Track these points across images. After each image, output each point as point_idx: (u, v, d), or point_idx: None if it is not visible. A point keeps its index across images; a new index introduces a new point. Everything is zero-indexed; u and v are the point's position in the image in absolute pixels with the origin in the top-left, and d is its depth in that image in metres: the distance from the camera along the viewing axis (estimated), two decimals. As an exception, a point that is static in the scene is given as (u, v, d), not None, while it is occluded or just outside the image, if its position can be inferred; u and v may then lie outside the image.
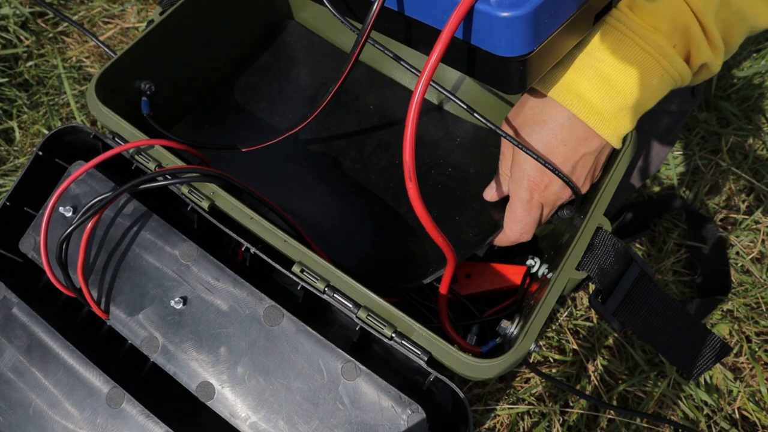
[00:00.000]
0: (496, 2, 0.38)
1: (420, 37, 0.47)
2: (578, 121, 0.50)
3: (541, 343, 0.80)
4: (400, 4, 0.45)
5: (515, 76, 0.43)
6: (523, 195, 0.54)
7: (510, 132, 0.53)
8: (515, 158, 0.54)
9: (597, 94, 0.49)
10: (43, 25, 1.05)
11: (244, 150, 0.61)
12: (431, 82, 0.44)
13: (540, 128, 0.51)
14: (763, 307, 0.83)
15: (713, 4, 0.47)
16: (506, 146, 0.56)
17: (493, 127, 0.49)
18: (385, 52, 0.51)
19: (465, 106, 0.50)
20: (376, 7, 0.43)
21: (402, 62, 0.51)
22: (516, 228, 0.57)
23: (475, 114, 0.50)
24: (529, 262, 0.59)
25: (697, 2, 0.47)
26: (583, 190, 0.54)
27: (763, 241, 0.88)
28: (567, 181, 0.51)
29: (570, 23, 0.42)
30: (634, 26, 0.47)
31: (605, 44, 0.48)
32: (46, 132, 0.94)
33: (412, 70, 0.50)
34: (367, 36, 0.46)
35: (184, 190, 0.51)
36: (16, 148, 0.93)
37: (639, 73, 0.48)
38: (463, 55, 0.44)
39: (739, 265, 0.87)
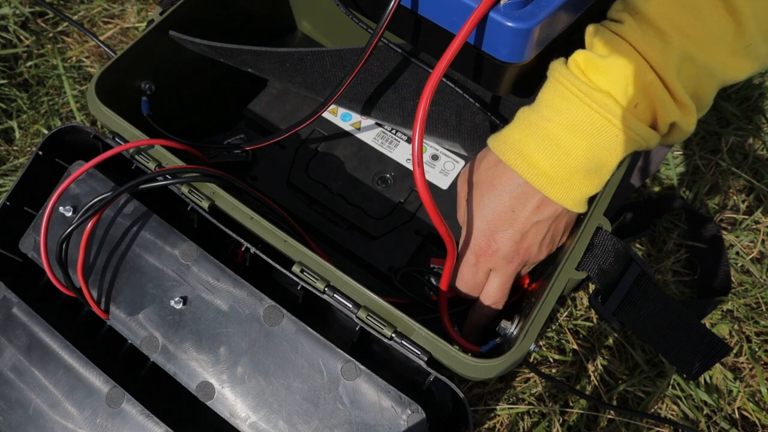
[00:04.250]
0: (508, 14, 0.43)
1: (429, 36, 0.50)
2: (529, 187, 0.47)
3: (541, 343, 0.80)
4: (414, 3, 0.48)
5: (507, 80, 0.49)
6: (470, 258, 0.51)
7: (464, 190, 0.52)
8: (467, 215, 0.51)
9: (545, 156, 0.46)
10: (43, 25, 1.05)
11: (248, 148, 0.62)
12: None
13: (489, 193, 0.49)
14: (763, 307, 0.83)
15: (674, 60, 0.43)
16: (461, 196, 0.53)
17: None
18: (396, 49, 0.56)
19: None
20: (392, 5, 0.46)
21: (413, 59, 0.56)
22: (463, 288, 0.53)
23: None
24: None
25: (656, 58, 0.43)
26: (538, 258, 0.51)
27: (763, 241, 0.88)
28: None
29: (552, 41, 0.47)
30: (579, 84, 0.44)
31: (552, 102, 0.45)
32: (46, 132, 0.94)
33: (425, 66, 0.56)
34: (382, 34, 0.48)
35: (184, 190, 0.51)
36: (16, 148, 0.93)
37: (589, 133, 0.45)
38: (464, 55, 0.48)
39: (739, 265, 0.87)
